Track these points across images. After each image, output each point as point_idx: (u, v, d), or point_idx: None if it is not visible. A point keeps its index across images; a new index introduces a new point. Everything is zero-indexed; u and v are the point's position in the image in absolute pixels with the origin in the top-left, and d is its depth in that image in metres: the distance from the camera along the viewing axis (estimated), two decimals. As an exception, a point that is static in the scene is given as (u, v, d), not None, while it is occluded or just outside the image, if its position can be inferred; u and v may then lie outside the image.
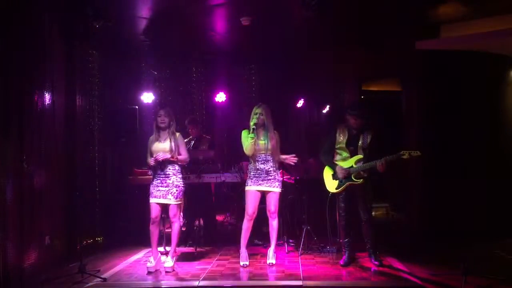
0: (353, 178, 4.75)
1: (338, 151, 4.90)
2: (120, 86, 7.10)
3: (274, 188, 4.90)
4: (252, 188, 4.89)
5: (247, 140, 4.86)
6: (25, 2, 4.56)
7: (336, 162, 4.87)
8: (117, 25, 5.64)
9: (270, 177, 4.88)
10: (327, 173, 4.97)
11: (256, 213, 4.93)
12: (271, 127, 4.94)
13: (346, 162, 4.82)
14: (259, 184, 4.88)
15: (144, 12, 5.51)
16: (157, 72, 7.43)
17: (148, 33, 6.13)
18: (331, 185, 4.92)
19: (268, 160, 4.91)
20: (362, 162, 4.74)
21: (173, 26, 5.98)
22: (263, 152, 4.89)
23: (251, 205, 4.88)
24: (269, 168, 4.89)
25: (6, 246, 4.15)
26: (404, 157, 4.48)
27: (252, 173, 4.93)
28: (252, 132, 4.83)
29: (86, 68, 6.08)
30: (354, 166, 4.76)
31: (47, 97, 4.90)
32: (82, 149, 5.85)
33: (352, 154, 4.81)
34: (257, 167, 4.89)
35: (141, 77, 7.35)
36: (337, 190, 4.86)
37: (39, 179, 4.70)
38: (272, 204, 4.91)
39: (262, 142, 4.89)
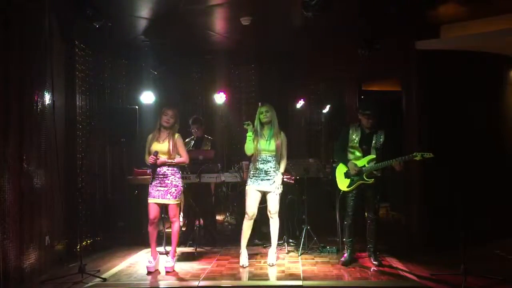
0: (364, 177, 4.77)
1: (351, 150, 4.91)
2: (120, 86, 7.10)
3: (272, 188, 4.89)
4: (252, 188, 4.88)
5: (248, 140, 4.87)
6: (25, 2, 4.56)
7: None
8: (117, 25, 5.64)
9: (269, 177, 4.86)
10: (340, 171, 4.99)
11: (256, 213, 4.92)
12: (277, 127, 4.93)
13: (358, 161, 4.84)
14: (259, 184, 4.87)
15: (144, 12, 5.51)
16: (157, 72, 7.43)
17: (148, 33, 6.13)
18: (343, 183, 4.94)
19: (269, 161, 4.88)
20: (374, 162, 4.75)
21: (173, 26, 5.98)
22: (265, 152, 4.88)
23: (251, 205, 4.87)
24: (268, 169, 4.87)
25: (6, 246, 4.15)
26: (417, 158, 4.50)
27: (251, 172, 4.92)
28: (251, 130, 4.83)
29: (86, 68, 6.08)
30: (366, 165, 4.78)
31: (47, 97, 4.89)
32: (82, 149, 5.85)
33: (365, 154, 4.83)
34: (257, 166, 4.87)
35: (141, 77, 7.34)
36: (349, 189, 4.88)
37: (39, 179, 4.70)
38: (272, 205, 4.90)
39: (264, 142, 4.88)
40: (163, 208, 4.85)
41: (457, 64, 5.84)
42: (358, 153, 4.86)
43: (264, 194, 4.93)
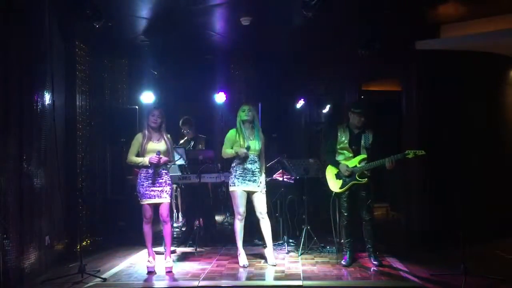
0: (357, 177, 4.76)
1: (340, 151, 4.90)
2: (120, 86, 7.10)
3: (260, 189, 4.88)
4: (239, 188, 4.85)
5: (229, 145, 4.84)
6: (25, 2, 4.56)
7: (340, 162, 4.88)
8: (117, 25, 5.65)
9: (255, 178, 4.86)
10: (330, 172, 4.97)
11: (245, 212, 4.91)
12: (259, 127, 4.94)
13: (349, 161, 4.82)
14: (247, 185, 4.85)
15: (144, 12, 5.51)
16: (157, 72, 7.43)
17: (148, 33, 6.13)
18: (335, 184, 4.92)
19: (256, 161, 4.88)
20: (365, 162, 4.75)
21: (173, 26, 5.98)
22: (253, 152, 4.87)
23: (241, 205, 4.86)
24: (255, 169, 4.86)
25: (6, 246, 4.15)
26: (409, 156, 4.50)
27: (238, 172, 4.86)
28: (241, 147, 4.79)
29: (86, 68, 6.08)
30: (358, 165, 4.77)
31: (47, 97, 4.89)
32: (82, 149, 5.85)
33: (355, 154, 4.82)
34: (245, 166, 4.84)
35: (141, 77, 7.34)
36: (341, 190, 4.86)
37: (39, 179, 4.69)
38: (261, 205, 4.89)
39: (253, 142, 4.87)
40: (155, 208, 4.81)
41: (457, 64, 5.85)
42: (348, 154, 4.85)
43: (248, 195, 4.91)
